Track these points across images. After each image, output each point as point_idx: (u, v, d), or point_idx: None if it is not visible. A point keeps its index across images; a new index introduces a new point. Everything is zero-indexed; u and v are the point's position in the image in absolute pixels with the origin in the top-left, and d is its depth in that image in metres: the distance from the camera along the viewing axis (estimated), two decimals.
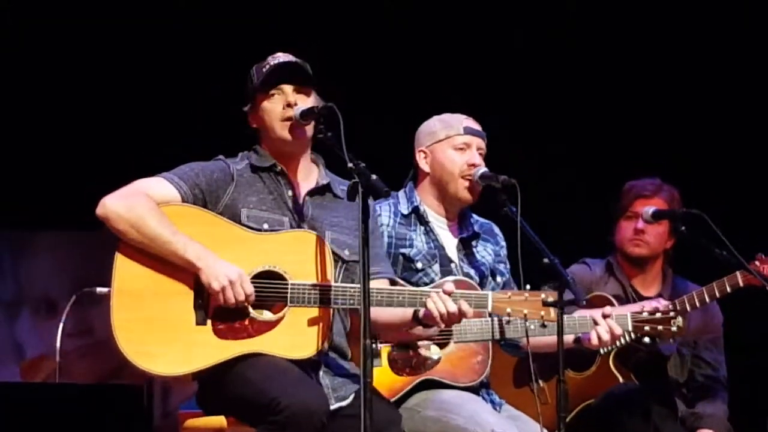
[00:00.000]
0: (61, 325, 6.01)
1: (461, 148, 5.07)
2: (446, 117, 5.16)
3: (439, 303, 4.45)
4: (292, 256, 4.42)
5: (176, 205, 4.44)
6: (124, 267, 4.37)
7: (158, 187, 4.45)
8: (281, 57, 4.62)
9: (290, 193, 4.59)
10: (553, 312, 4.51)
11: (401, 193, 5.17)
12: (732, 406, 5.93)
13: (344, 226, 4.61)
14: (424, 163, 5.14)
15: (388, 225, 5.05)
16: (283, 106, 4.56)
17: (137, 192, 4.41)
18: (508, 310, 4.54)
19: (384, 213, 5.07)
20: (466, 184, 5.06)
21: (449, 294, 4.46)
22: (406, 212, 5.10)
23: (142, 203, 4.36)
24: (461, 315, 4.47)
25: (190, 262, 4.33)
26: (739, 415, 6.02)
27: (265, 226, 4.49)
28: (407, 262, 5.01)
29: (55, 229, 7.37)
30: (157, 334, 4.33)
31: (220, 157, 4.63)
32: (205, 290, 4.34)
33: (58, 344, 5.98)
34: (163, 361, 4.33)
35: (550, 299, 4.50)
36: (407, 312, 4.54)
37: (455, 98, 5.47)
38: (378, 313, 4.38)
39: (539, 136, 7.26)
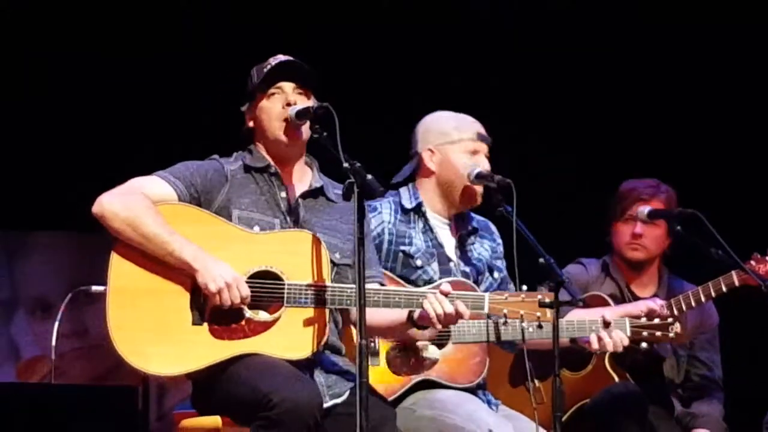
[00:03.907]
0: (56, 324, 6.00)
1: (472, 153, 5.06)
2: (459, 118, 5.12)
3: (435, 304, 4.43)
4: (288, 256, 4.40)
5: (172, 204, 4.41)
6: (120, 266, 4.34)
7: (154, 185, 4.42)
8: (282, 57, 4.61)
9: (283, 194, 4.57)
10: (549, 313, 4.51)
11: (403, 190, 5.14)
12: (728, 406, 5.93)
13: (336, 229, 4.59)
14: (430, 162, 5.09)
15: (389, 222, 5.04)
16: (283, 106, 4.54)
17: (133, 190, 4.38)
18: (505, 311, 4.52)
19: (385, 210, 5.06)
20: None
21: (446, 295, 4.45)
22: (409, 207, 5.07)
23: (138, 202, 4.33)
24: (458, 316, 4.45)
25: (186, 263, 4.30)
26: (735, 415, 6.02)
27: (256, 228, 4.46)
28: (407, 259, 5.00)
29: (50, 230, 7.37)
30: (153, 333, 4.31)
31: (215, 156, 4.61)
32: (202, 291, 4.33)
33: (53, 344, 5.97)
34: (158, 361, 4.31)
35: (547, 300, 4.50)
36: (402, 314, 4.52)
37: (449, 96, 5.45)
38: (371, 315, 4.31)
39: (534, 135, 7.26)
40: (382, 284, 4.66)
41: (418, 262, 5.00)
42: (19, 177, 7.05)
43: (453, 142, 5.07)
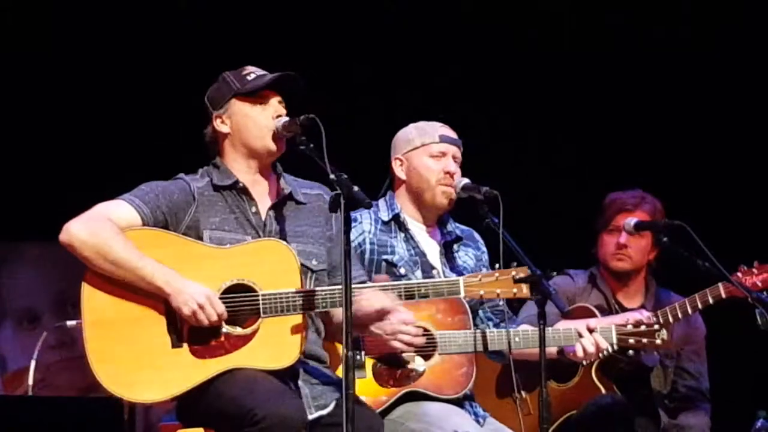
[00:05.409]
0: (37, 349, 5.98)
1: (437, 156, 5.09)
2: (422, 124, 5.19)
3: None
4: (259, 266, 4.39)
5: (139, 230, 4.39)
6: (92, 297, 4.33)
7: (120, 210, 4.39)
8: (259, 70, 4.60)
9: (254, 209, 4.55)
10: (525, 288, 4.52)
11: (381, 201, 5.18)
12: (714, 417, 5.93)
13: (309, 235, 4.58)
14: (400, 171, 5.16)
15: (369, 232, 5.06)
16: (273, 117, 4.54)
17: (100, 216, 4.35)
18: (481, 292, 4.54)
19: (365, 220, 5.08)
20: (443, 190, 5.07)
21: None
22: (386, 219, 5.11)
23: (105, 228, 4.31)
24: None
25: (158, 288, 4.30)
26: (722, 426, 6.02)
27: (228, 246, 4.45)
28: (390, 268, 5.01)
29: (38, 241, 7.35)
30: (135, 362, 4.30)
31: (181, 175, 4.58)
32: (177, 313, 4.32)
33: (33, 363, 5.95)
34: (143, 389, 4.30)
35: (521, 275, 4.50)
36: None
37: (435, 107, 5.47)
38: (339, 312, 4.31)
39: (521, 146, 7.27)
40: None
41: (402, 271, 5.01)
42: (7, 187, 7.04)
43: (416, 147, 5.14)
